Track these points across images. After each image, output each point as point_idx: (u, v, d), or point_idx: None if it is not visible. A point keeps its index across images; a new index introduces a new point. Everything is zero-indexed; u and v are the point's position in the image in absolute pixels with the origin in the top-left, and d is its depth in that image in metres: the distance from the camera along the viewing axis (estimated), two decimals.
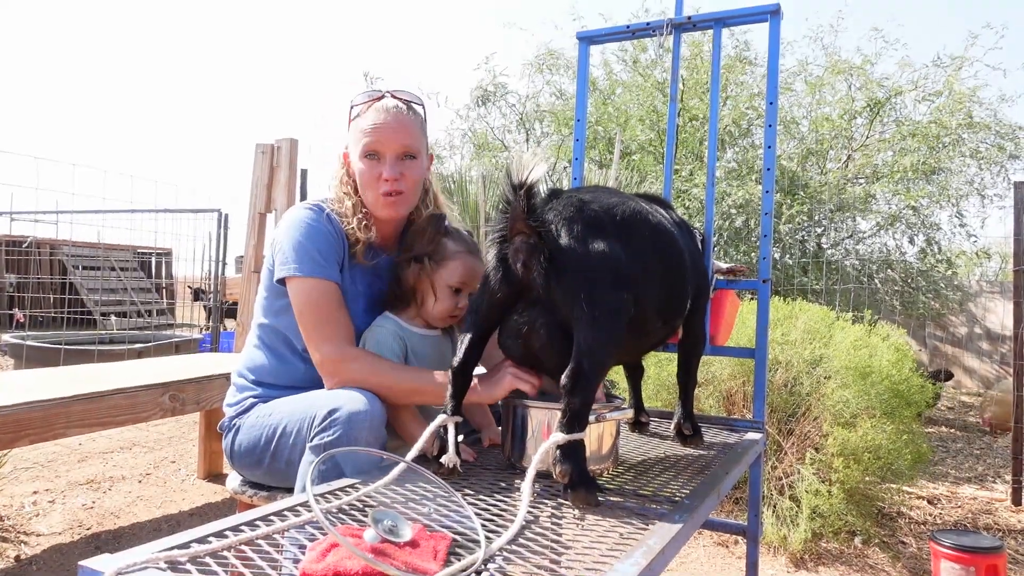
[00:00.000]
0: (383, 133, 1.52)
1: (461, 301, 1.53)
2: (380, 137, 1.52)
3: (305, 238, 1.50)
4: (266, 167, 3.65)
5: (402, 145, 1.53)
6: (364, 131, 1.53)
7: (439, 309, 1.53)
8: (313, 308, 1.47)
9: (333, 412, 1.30)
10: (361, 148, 1.53)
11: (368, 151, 1.53)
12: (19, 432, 2.00)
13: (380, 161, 1.53)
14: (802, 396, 2.92)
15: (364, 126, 1.53)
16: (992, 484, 3.74)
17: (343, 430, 1.27)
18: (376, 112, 1.54)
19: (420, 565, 0.80)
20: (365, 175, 1.54)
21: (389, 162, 1.52)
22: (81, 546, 2.48)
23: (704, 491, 1.20)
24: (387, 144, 1.52)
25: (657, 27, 1.94)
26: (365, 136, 1.52)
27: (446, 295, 1.52)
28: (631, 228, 1.19)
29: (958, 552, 2.32)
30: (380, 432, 1.33)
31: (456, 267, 1.52)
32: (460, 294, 1.53)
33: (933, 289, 6.00)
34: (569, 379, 1.06)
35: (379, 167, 1.52)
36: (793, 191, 5.52)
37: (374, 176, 1.53)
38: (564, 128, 7.01)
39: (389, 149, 1.53)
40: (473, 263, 1.54)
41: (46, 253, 9.92)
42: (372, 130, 1.52)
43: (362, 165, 1.54)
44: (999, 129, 5.93)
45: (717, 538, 2.80)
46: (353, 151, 1.56)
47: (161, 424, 4.35)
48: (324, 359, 1.44)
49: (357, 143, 1.54)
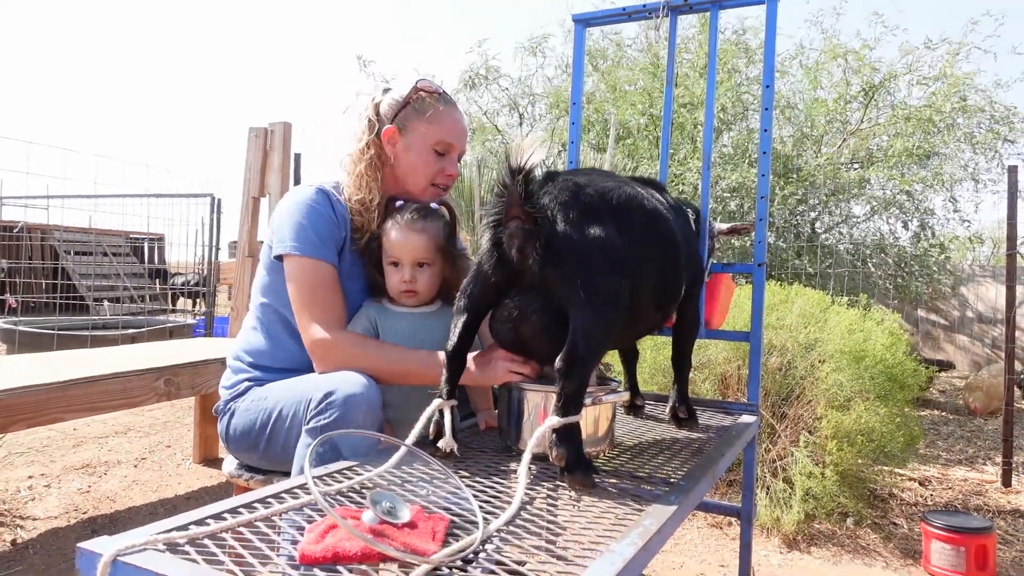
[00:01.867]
0: (458, 134, 1.63)
1: (404, 273, 1.51)
2: (456, 137, 1.62)
3: (305, 219, 1.51)
4: (259, 151, 3.62)
5: (464, 148, 1.67)
6: (441, 125, 1.59)
7: (390, 286, 1.54)
8: (306, 288, 1.47)
9: (329, 395, 1.30)
10: (434, 140, 1.59)
11: (442, 147, 1.60)
12: (13, 417, 1.99)
13: (446, 158, 1.62)
14: (796, 379, 2.94)
15: (440, 120, 1.59)
16: (983, 466, 3.78)
17: (340, 412, 1.28)
18: (449, 109, 1.62)
19: (418, 546, 0.81)
20: (430, 166, 1.60)
21: (454, 160, 1.64)
22: (78, 530, 2.48)
23: (699, 473, 1.21)
24: (458, 145, 1.64)
25: (654, 9, 1.92)
26: (442, 131, 1.59)
27: (390, 271, 1.53)
28: (627, 213, 1.19)
29: (948, 532, 2.36)
30: (377, 414, 1.33)
31: (386, 242, 1.53)
32: (401, 267, 1.52)
33: (926, 273, 6.03)
34: (564, 363, 1.06)
35: (444, 163, 1.62)
36: (787, 174, 5.52)
37: (438, 169, 1.61)
38: (557, 110, 6.98)
39: (457, 149, 1.64)
40: (403, 233, 1.51)
41: (37, 238, 9.86)
42: (450, 128, 1.61)
43: (427, 156, 1.59)
44: (993, 113, 5.93)
45: (711, 520, 2.82)
46: (417, 136, 1.59)
47: (156, 409, 4.35)
48: (313, 342, 1.45)
49: (428, 133, 1.58)
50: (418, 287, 1.52)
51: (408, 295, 1.53)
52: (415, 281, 1.52)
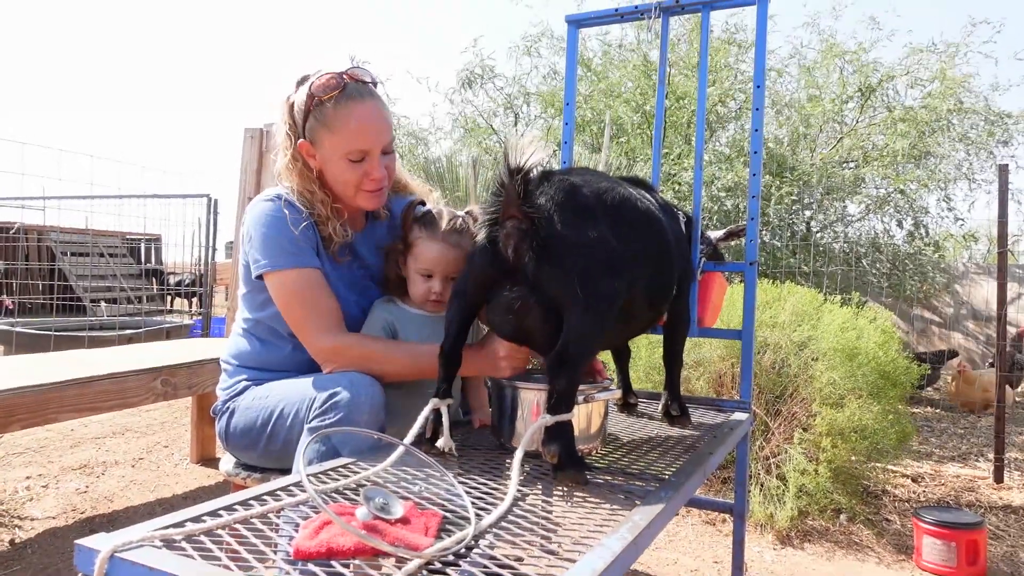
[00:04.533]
0: (368, 134, 1.45)
1: (435, 285, 1.52)
2: (366, 139, 1.45)
3: (271, 230, 1.45)
4: (255, 152, 3.63)
5: (385, 143, 1.50)
6: (346, 132, 1.43)
7: (415, 293, 1.55)
8: (297, 300, 1.44)
9: (334, 396, 1.30)
10: (343, 152, 1.45)
11: (355, 155, 1.46)
12: (10, 417, 2.00)
13: (365, 162, 1.47)
14: (790, 377, 2.96)
15: (344, 126, 1.43)
16: (975, 462, 3.81)
17: (344, 414, 1.28)
18: (353, 105, 1.43)
19: (411, 541, 0.82)
20: (348, 176, 1.47)
21: (376, 162, 1.48)
22: (76, 529, 2.49)
23: (690, 469, 1.22)
24: (374, 145, 1.47)
25: (646, 10, 1.94)
26: (348, 139, 1.44)
27: (418, 279, 1.54)
28: (622, 214, 1.20)
29: (940, 528, 2.38)
30: (380, 415, 1.34)
31: (419, 253, 1.53)
32: (432, 279, 1.53)
33: (920, 272, 6.05)
34: (555, 361, 1.08)
35: (364, 168, 1.47)
36: (781, 173, 5.54)
37: (359, 176, 1.48)
38: (551, 109, 6.98)
39: (376, 149, 1.48)
40: (440, 248, 1.51)
41: (34, 239, 9.84)
42: (357, 132, 1.44)
43: (342, 166, 1.46)
44: (988, 115, 5.97)
45: (705, 516, 2.84)
46: (328, 148, 1.46)
47: (153, 409, 4.35)
48: (319, 350, 1.44)
49: (335, 144, 1.44)
50: (446, 297, 1.53)
51: (435, 304, 1.54)
52: (446, 292, 1.52)
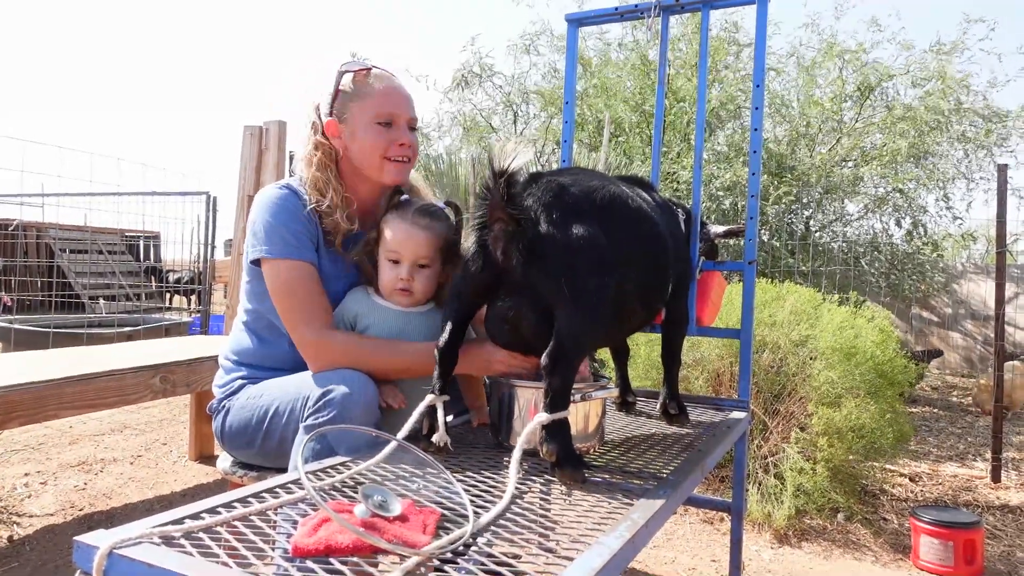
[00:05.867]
0: (398, 100, 1.53)
1: (402, 272, 1.45)
2: (396, 104, 1.52)
3: (275, 219, 1.47)
4: (255, 149, 3.63)
5: (412, 116, 1.56)
6: (375, 98, 1.51)
7: (383, 281, 1.49)
8: (288, 290, 1.45)
9: (327, 393, 1.31)
10: (372, 114, 1.50)
11: (384, 119, 1.51)
12: (9, 414, 2.00)
13: (392, 128, 1.52)
14: (788, 376, 2.96)
15: (374, 93, 1.51)
16: (973, 462, 3.82)
17: (337, 411, 1.29)
18: (382, 80, 1.53)
19: (409, 538, 0.82)
20: (378, 141, 1.51)
21: (404, 128, 1.54)
22: (74, 526, 2.49)
23: (688, 468, 1.23)
24: (403, 112, 1.53)
25: (645, 9, 1.94)
26: (378, 103, 1.50)
27: (386, 266, 1.48)
28: (611, 212, 1.20)
29: (937, 527, 2.38)
30: (373, 412, 1.34)
31: (386, 235, 1.46)
32: (399, 265, 1.46)
33: (919, 271, 6.06)
34: (549, 360, 1.08)
35: (392, 134, 1.52)
36: (780, 173, 5.54)
37: (388, 141, 1.51)
38: (551, 107, 6.98)
39: (403, 117, 1.54)
40: (406, 230, 1.45)
41: (33, 236, 9.84)
42: (386, 97, 1.51)
43: (372, 132, 1.51)
44: (987, 114, 5.97)
45: (703, 515, 2.85)
46: (356, 118, 1.51)
47: (151, 407, 4.35)
48: (304, 343, 1.43)
49: (364, 110, 1.50)
50: (414, 287, 1.47)
51: (403, 294, 1.47)
52: (412, 280, 1.46)
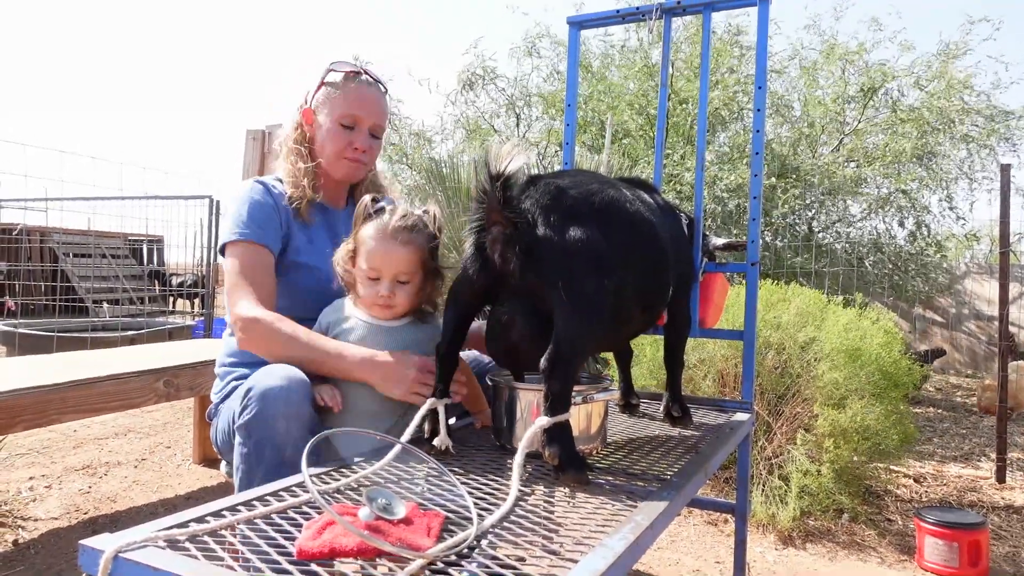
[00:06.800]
0: (365, 107, 1.64)
1: (382, 288, 1.42)
2: (361, 110, 1.64)
3: (241, 207, 1.56)
4: (257, 153, 3.64)
5: (376, 123, 1.68)
6: (346, 99, 1.63)
7: (363, 296, 1.46)
8: (237, 268, 1.51)
9: (249, 390, 1.27)
10: (338, 114, 1.63)
11: (347, 120, 1.63)
12: (14, 418, 2.01)
13: (354, 131, 1.65)
14: (793, 378, 2.96)
15: (346, 94, 1.63)
16: (977, 462, 3.81)
17: (257, 408, 1.24)
18: (359, 85, 1.65)
19: (414, 541, 0.83)
20: (336, 139, 1.63)
21: (363, 134, 1.66)
22: (79, 530, 2.50)
23: (692, 470, 1.23)
24: (366, 118, 1.65)
25: (647, 12, 1.94)
26: (346, 105, 1.63)
27: (365, 282, 1.44)
28: (609, 215, 1.20)
29: (942, 528, 2.38)
30: (299, 409, 1.27)
31: (365, 254, 1.43)
32: (379, 282, 1.42)
33: (922, 272, 6.05)
34: (548, 363, 1.08)
35: (351, 136, 1.64)
36: (785, 174, 5.53)
37: (345, 142, 1.64)
38: (553, 110, 6.99)
39: (366, 123, 1.66)
40: (385, 249, 1.41)
41: (36, 241, 9.87)
42: (355, 101, 1.63)
43: (334, 128, 1.63)
44: (990, 114, 5.96)
45: (707, 517, 2.84)
46: (326, 113, 1.64)
47: (155, 410, 4.36)
48: (236, 318, 1.46)
49: (334, 107, 1.63)
50: (395, 302, 1.44)
51: (383, 309, 1.45)
52: (393, 296, 1.43)
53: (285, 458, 1.23)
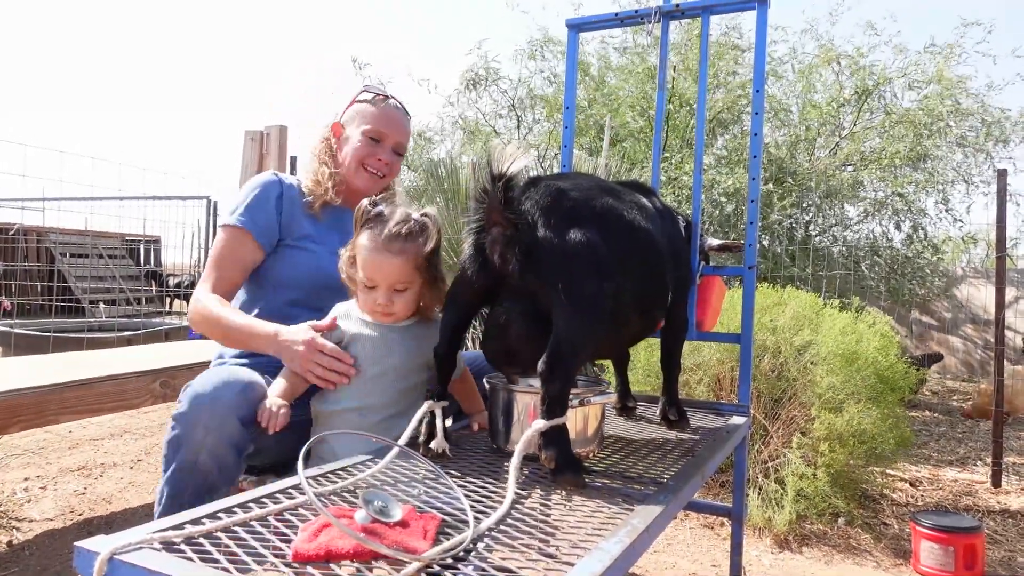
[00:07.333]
0: (391, 125, 1.77)
1: (379, 297, 1.41)
2: (387, 127, 1.76)
3: (248, 196, 1.65)
4: (255, 154, 3.64)
5: (399, 142, 1.80)
6: (375, 116, 1.75)
7: (361, 302, 1.47)
8: (214, 254, 1.62)
9: (185, 388, 1.33)
10: (367, 128, 1.74)
11: (374, 134, 1.74)
12: (9, 419, 2.00)
13: (379, 145, 1.76)
14: (789, 381, 2.96)
15: (376, 112, 1.76)
16: (973, 467, 3.81)
17: (185, 408, 1.28)
18: (387, 106, 1.78)
19: (410, 544, 0.82)
20: (361, 150, 1.74)
21: (386, 148, 1.77)
22: (74, 531, 2.49)
23: (688, 473, 1.23)
24: (391, 135, 1.77)
25: (646, 15, 1.95)
26: (375, 121, 1.75)
27: (362, 288, 1.44)
28: (608, 218, 1.19)
29: (938, 532, 2.38)
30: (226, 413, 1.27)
31: (361, 263, 1.43)
32: (375, 290, 1.42)
33: (919, 276, 6.06)
34: (546, 366, 1.08)
35: (376, 150, 1.75)
36: (781, 178, 5.54)
37: (369, 154, 1.74)
38: (556, 114, 6.99)
39: (391, 140, 1.77)
40: (380, 259, 1.40)
41: (33, 241, 9.84)
42: (383, 118, 1.76)
43: (361, 140, 1.74)
44: (985, 116, 5.98)
45: (703, 520, 2.84)
46: (354, 127, 1.76)
47: (151, 411, 4.35)
48: (193, 298, 1.58)
49: (363, 122, 1.75)
50: (394, 310, 1.44)
51: (382, 316, 1.45)
52: (391, 304, 1.43)
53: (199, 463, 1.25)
